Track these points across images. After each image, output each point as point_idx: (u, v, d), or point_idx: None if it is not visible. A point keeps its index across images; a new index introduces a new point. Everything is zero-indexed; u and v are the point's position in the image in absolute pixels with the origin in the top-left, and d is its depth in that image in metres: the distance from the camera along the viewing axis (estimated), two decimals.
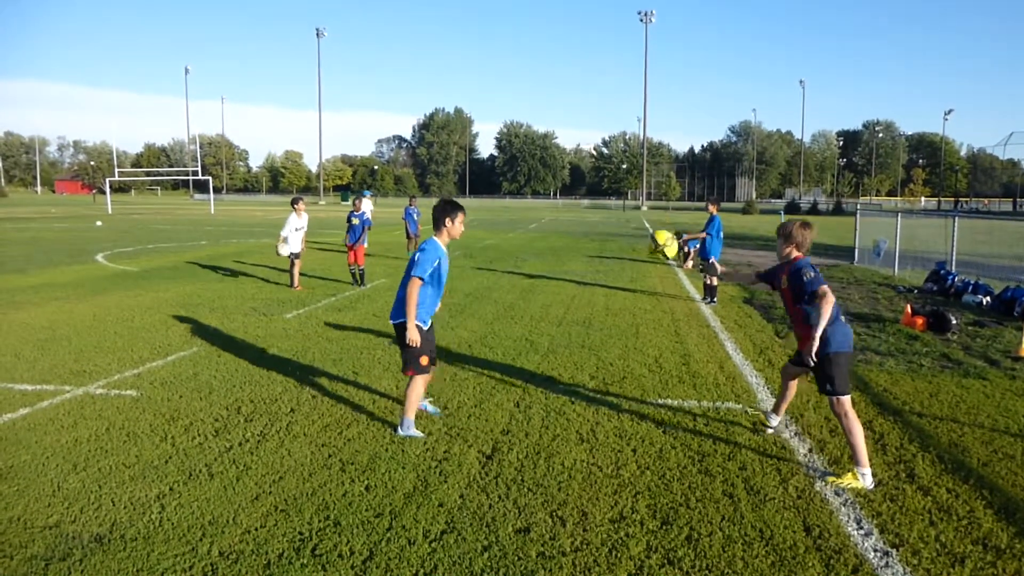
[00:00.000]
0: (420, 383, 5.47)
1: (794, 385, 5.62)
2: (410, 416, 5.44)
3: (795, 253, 5.25)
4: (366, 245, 14.40)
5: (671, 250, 9.03)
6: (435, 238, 5.45)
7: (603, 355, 8.18)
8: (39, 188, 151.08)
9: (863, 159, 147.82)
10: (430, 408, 5.97)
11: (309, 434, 5.48)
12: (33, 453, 5.05)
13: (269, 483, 4.57)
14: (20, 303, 11.45)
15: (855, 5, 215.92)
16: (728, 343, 8.97)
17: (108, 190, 59.51)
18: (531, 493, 4.47)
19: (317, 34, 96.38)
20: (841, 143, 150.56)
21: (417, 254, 5.33)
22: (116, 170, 63.27)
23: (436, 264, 5.31)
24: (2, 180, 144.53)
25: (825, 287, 4.77)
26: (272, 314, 10.60)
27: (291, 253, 13.29)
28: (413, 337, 5.25)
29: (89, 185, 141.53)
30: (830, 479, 4.70)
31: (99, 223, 36.38)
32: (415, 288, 5.24)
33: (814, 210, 71.65)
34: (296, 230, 13.43)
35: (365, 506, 4.26)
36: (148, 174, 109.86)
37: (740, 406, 6.36)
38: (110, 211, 52.60)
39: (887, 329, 9.86)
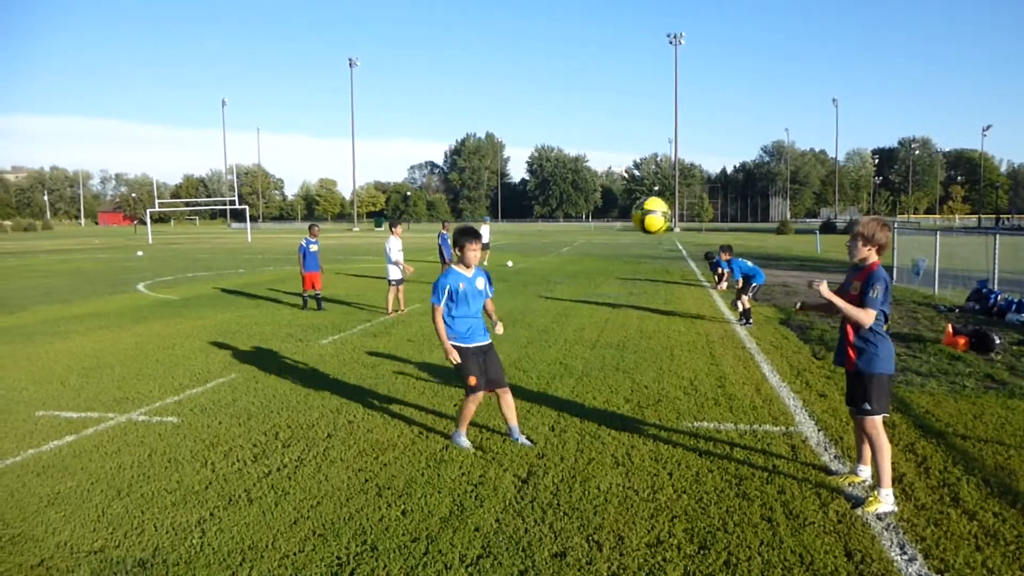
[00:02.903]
0: (470, 402, 5.72)
1: None
2: (461, 428, 5.87)
3: (873, 257, 4.81)
4: (319, 272, 14.47)
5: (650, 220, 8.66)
6: (453, 266, 5.81)
7: (637, 378, 8.15)
8: (83, 220, 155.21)
9: (900, 177, 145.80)
10: (522, 440, 5.89)
11: (346, 459, 5.53)
12: (78, 480, 5.17)
13: (307, 508, 4.62)
14: (65, 332, 11.74)
15: (888, 22, 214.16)
16: (764, 365, 8.87)
17: (148, 221, 60.89)
18: (567, 517, 4.45)
19: (350, 64, 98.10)
20: (876, 161, 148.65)
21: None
22: (156, 201, 64.72)
23: (448, 289, 5.62)
24: (48, 213, 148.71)
25: (874, 315, 4.58)
26: (308, 340, 10.73)
27: (396, 279, 13.59)
28: (449, 356, 5.60)
29: (130, 216, 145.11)
30: (861, 508, 4.58)
31: (140, 253, 37.20)
32: (434, 314, 5.68)
33: (850, 229, 70.55)
34: (398, 252, 13.80)
35: (402, 531, 4.28)
36: (187, 204, 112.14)
37: (778, 429, 6.28)
38: (151, 241, 53.78)
39: (928, 349, 9.68)
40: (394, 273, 13.63)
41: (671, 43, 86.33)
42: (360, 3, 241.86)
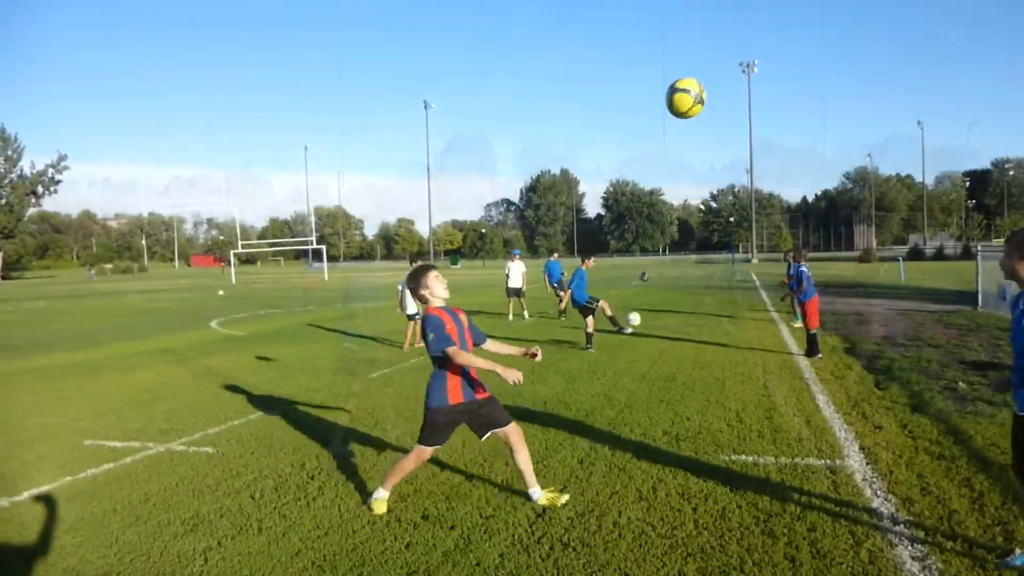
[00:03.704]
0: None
1: None
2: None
3: None
4: None
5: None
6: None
7: (680, 409, 7.84)
8: (176, 262, 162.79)
9: (994, 200, 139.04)
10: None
11: (366, 491, 5.45)
12: (103, 507, 5.26)
13: (313, 539, 4.56)
14: (132, 366, 12.17)
15: (971, 43, 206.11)
16: (820, 396, 8.42)
17: (233, 261, 63.31)
18: (575, 553, 4.25)
19: (425, 106, 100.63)
20: (968, 184, 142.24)
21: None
22: (240, 243, 67.28)
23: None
24: (145, 256, 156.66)
25: None
26: (358, 374, 10.80)
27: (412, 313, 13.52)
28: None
29: (219, 258, 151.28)
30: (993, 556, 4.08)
31: (221, 292, 38.60)
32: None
33: (940, 255, 67.60)
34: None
35: (401, 563, 4.16)
36: (270, 245, 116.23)
37: (822, 462, 5.90)
38: (233, 281, 55.79)
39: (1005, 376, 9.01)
40: (411, 308, 13.53)
41: (743, 72, 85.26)
42: (435, 46, 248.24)
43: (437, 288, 5.11)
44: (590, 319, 12.95)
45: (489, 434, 5.02)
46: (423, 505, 5.11)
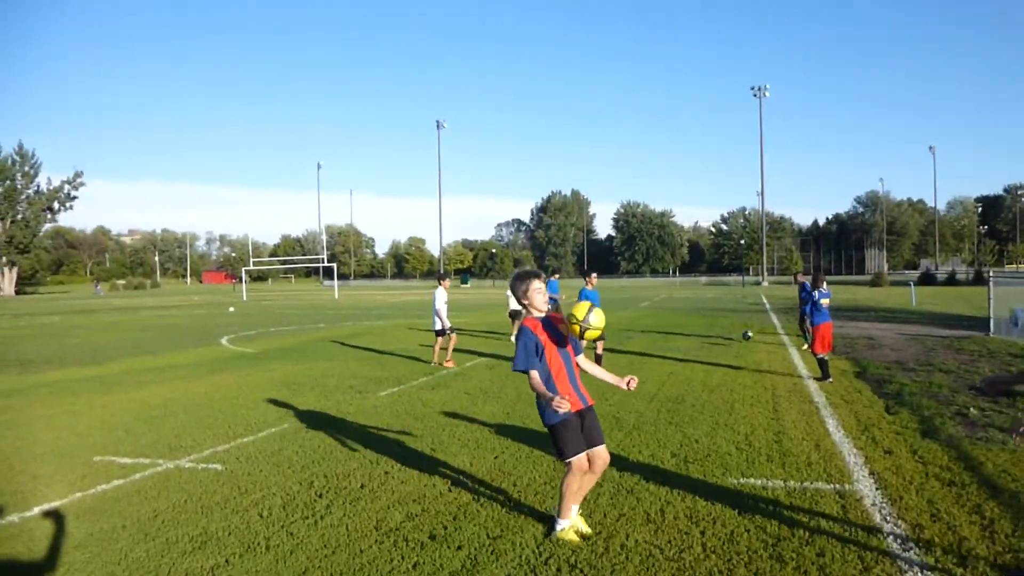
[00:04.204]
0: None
1: None
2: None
3: None
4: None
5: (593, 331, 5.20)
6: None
7: (689, 432, 7.82)
8: (188, 279, 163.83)
9: (1007, 225, 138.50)
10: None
11: (373, 510, 5.46)
12: (112, 523, 5.28)
13: (320, 557, 4.56)
14: (143, 382, 12.23)
15: (981, 65, 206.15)
16: (830, 420, 8.38)
17: (244, 278, 63.68)
18: (582, 575, 4.24)
19: (437, 126, 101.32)
20: (980, 209, 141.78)
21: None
22: (251, 260, 67.69)
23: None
24: (158, 273, 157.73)
25: None
26: (367, 392, 10.82)
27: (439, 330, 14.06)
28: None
29: (231, 275, 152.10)
30: None
31: (232, 309, 38.79)
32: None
33: (951, 280, 67.19)
34: (443, 304, 14.30)
35: None
36: (282, 263, 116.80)
37: (831, 487, 5.87)
38: (244, 298, 56.06)
39: (1017, 403, 8.96)
40: (437, 324, 14.02)
41: (755, 96, 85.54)
42: (447, 66, 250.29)
43: (536, 299, 4.86)
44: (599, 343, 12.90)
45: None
46: (431, 525, 5.11)
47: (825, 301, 11.79)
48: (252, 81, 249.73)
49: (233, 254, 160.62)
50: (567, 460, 4.69)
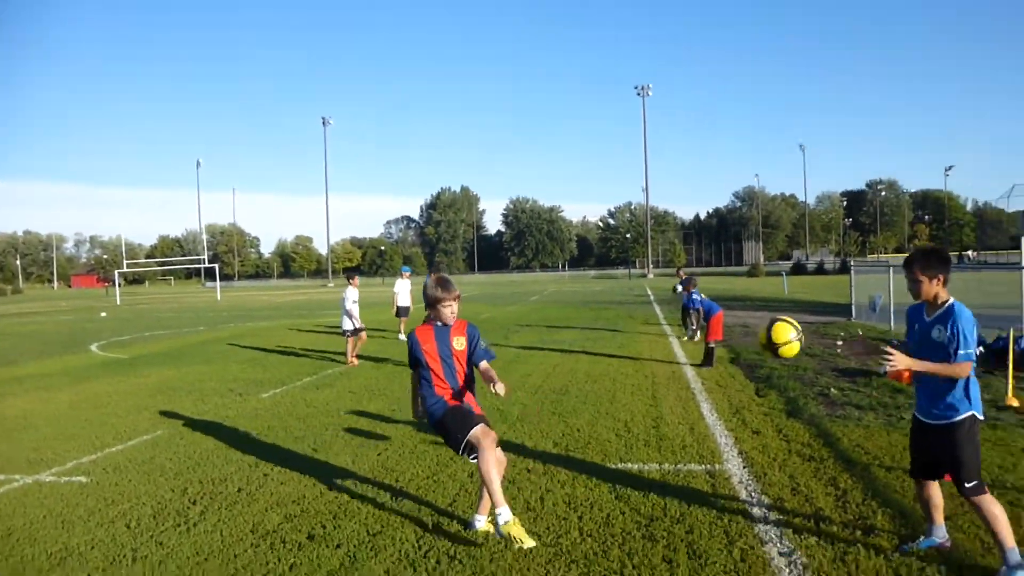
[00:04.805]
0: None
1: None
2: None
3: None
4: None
5: (790, 348, 5.98)
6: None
7: (572, 421, 8.00)
8: (55, 283, 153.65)
9: (868, 218, 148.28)
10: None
11: (250, 514, 5.31)
12: None
13: (191, 565, 4.40)
14: (1, 394, 11.40)
15: (850, 67, 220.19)
16: (704, 404, 8.77)
17: (118, 281, 60.38)
18: (461, 566, 4.27)
19: (323, 122, 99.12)
20: (845, 203, 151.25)
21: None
22: (125, 262, 64.22)
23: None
24: (20, 278, 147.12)
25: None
26: (248, 394, 10.49)
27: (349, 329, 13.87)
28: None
29: (104, 279, 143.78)
30: None
31: (103, 314, 36.68)
32: None
33: (820, 270, 71.44)
34: (353, 303, 14.03)
35: None
36: (159, 264, 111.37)
37: (702, 467, 6.15)
38: (118, 302, 53.14)
39: (872, 383, 9.63)
40: (347, 324, 13.73)
41: (639, 95, 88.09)
42: (332, 62, 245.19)
43: (445, 314, 4.78)
44: None
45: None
46: (310, 525, 5.02)
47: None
48: (123, 73, 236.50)
49: (105, 256, 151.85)
50: (466, 439, 4.39)
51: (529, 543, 4.16)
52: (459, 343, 4.83)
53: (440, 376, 4.74)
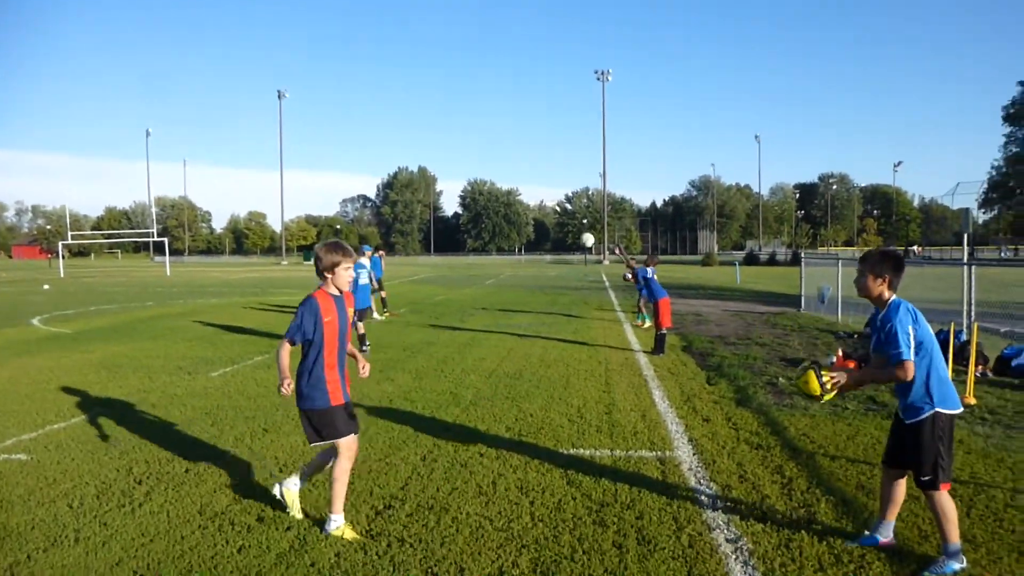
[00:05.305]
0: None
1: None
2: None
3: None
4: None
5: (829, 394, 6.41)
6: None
7: (525, 406, 8.03)
8: None
9: (820, 211, 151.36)
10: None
11: (198, 494, 5.23)
12: None
13: (137, 547, 4.32)
14: None
15: (807, 63, 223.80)
16: (656, 391, 8.88)
17: (62, 253, 58.64)
18: (411, 549, 4.27)
19: (279, 95, 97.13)
20: (798, 196, 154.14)
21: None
22: (69, 233, 62.30)
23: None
24: None
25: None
26: (197, 373, 10.30)
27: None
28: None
29: (47, 250, 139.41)
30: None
31: (46, 287, 35.64)
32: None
33: (772, 260, 72.74)
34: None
35: (232, 567, 4.03)
36: (105, 237, 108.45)
37: (653, 454, 6.23)
38: (62, 275, 51.66)
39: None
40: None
41: (599, 79, 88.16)
42: (289, 34, 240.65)
43: (343, 279, 4.60)
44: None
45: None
46: (259, 507, 4.96)
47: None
48: (71, 35, 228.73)
49: (48, 227, 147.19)
50: (335, 442, 4.52)
51: (350, 536, 4.42)
52: (351, 314, 4.75)
53: (334, 354, 4.55)
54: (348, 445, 4.56)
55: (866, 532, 4.46)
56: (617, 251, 15.57)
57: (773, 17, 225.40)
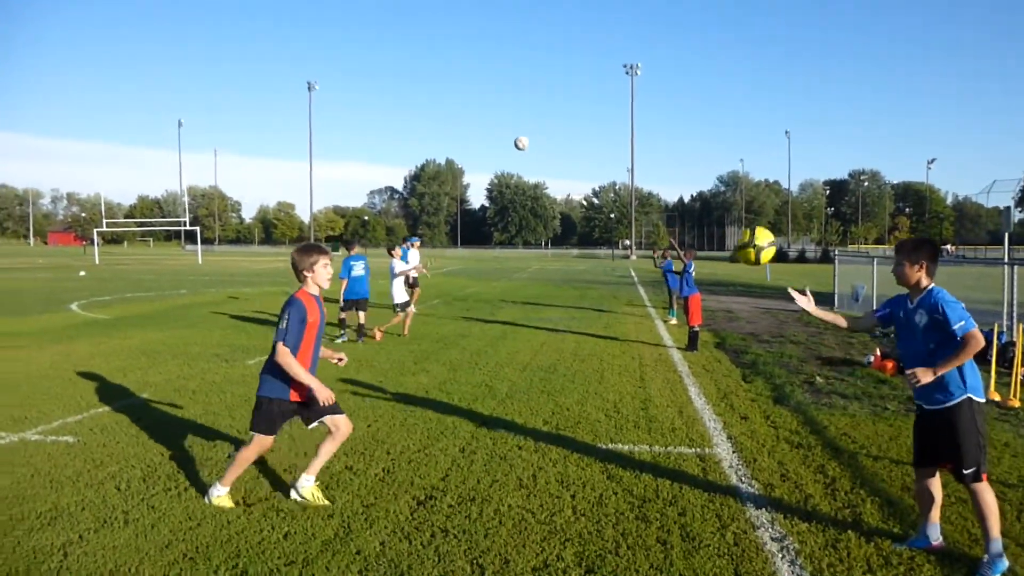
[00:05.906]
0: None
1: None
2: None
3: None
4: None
5: (766, 253, 7.23)
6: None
7: (561, 400, 8.02)
8: (32, 240, 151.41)
9: (850, 208, 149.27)
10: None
11: (241, 480, 5.27)
12: None
13: (185, 530, 4.38)
14: None
15: (838, 57, 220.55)
16: (692, 388, 8.82)
17: (97, 241, 59.57)
18: (455, 540, 4.28)
19: (309, 87, 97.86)
20: (828, 192, 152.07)
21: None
22: (104, 221, 63.29)
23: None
24: None
25: None
26: (235, 360, 10.42)
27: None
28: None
29: (81, 236, 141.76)
30: None
31: (83, 273, 36.25)
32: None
33: (802, 258, 71.95)
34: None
35: (278, 554, 4.07)
36: (139, 224, 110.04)
37: (692, 451, 6.20)
38: (97, 261, 52.49)
39: (856, 373, 9.74)
40: (399, 297, 13.18)
41: (627, 73, 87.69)
42: (320, 27, 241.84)
43: (321, 276, 4.87)
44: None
45: (318, 422, 4.87)
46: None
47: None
48: (106, 27, 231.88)
49: (83, 214, 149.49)
50: (254, 432, 4.78)
51: (322, 502, 4.78)
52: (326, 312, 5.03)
53: (308, 353, 4.76)
54: (262, 444, 4.81)
55: (913, 535, 4.39)
56: (673, 243, 15.37)
57: (806, 13, 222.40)
